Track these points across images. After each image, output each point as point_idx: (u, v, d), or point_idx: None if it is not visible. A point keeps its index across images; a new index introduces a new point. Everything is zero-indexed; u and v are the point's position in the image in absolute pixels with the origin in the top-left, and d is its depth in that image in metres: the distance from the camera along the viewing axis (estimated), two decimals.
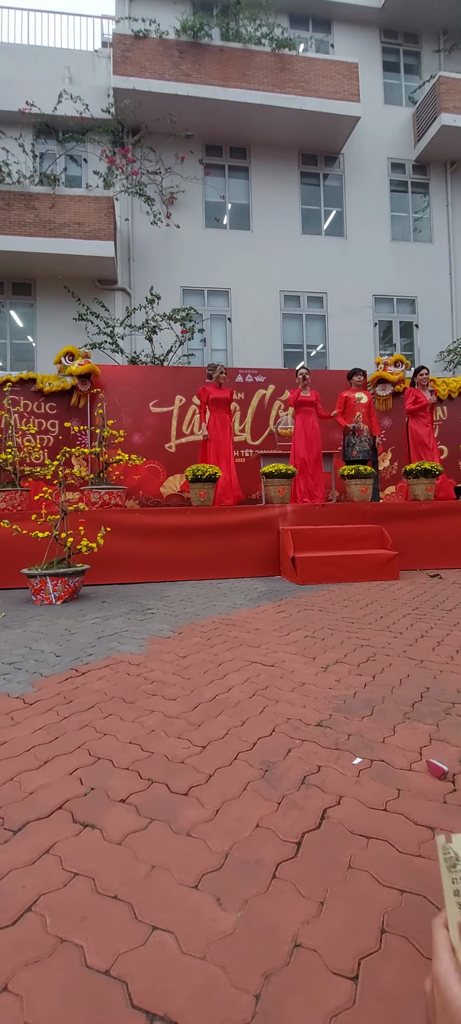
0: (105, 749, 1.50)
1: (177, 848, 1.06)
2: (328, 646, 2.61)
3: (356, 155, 12.27)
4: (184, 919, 0.88)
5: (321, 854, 1.04)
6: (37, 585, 4.12)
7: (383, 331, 12.34)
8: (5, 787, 1.30)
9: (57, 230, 9.76)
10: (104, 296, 10.66)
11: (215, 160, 11.74)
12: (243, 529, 5.49)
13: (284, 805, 1.21)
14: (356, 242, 12.13)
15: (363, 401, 6.57)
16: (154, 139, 11.05)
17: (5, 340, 10.79)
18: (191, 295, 11.28)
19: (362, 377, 6.70)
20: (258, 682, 2.08)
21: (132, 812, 1.19)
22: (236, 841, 1.08)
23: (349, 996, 0.74)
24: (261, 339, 11.42)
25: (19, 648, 2.69)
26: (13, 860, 1.03)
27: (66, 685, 2.07)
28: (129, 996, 0.74)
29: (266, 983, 0.76)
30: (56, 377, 7.27)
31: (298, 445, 6.51)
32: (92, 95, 10.75)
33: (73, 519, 4.91)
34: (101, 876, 0.98)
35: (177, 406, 7.83)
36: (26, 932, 0.85)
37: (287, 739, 1.56)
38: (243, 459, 7.91)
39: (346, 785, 1.30)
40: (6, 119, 10.54)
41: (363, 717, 1.72)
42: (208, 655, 2.48)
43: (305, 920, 0.87)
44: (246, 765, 1.40)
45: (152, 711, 1.79)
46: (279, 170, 11.91)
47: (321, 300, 11.97)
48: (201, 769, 1.38)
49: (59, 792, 1.27)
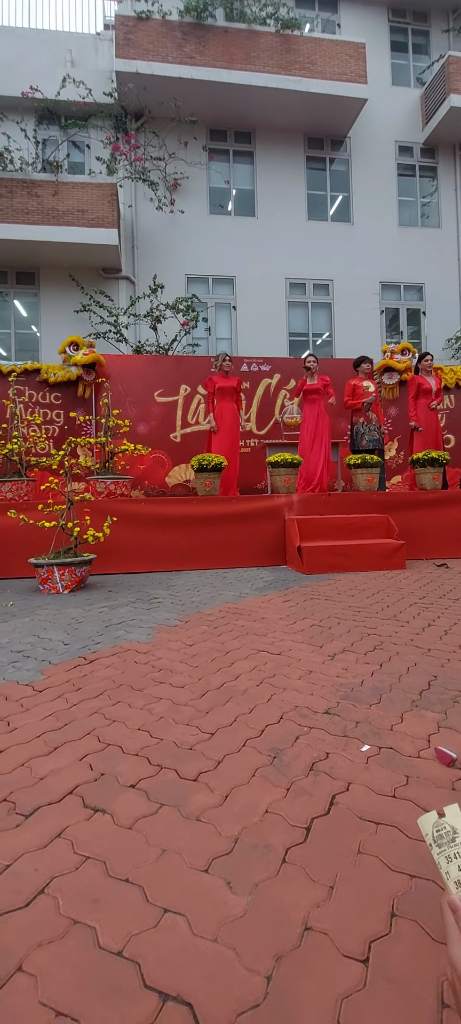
0: (114, 735, 1.51)
1: (187, 833, 1.07)
2: (335, 635, 2.61)
3: (363, 138, 12.08)
4: (195, 902, 0.89)
5: (330, 839, 1.05)
6: (44, 574, 4.14)
7: (390, 318, 12.22)
8: (16, 772, 1.32)
9: (60, 218, 9.70)
10: (108, 285, 10.61)
11: (219, 145, 11.61)
12: (249, 519, 5.49)
13: (293, 791, 1.22)
14: (363, 228, 11.98)
15: (371, 390, 6.53)
16: (157, 124, 10.92)
17: (9, 330, 10.78)
18: (195, 283, 11.21)
19: (369, 365, 6.65)
20: (265, 670, 2.08)
21: (142, 797, 1.20)
22: (245, 826, 1.09)
23: (360, 979, 0.74)
24: (266, 327, 11.34)
25: (27, 636, 2.71)
26: (25, 843, 1.04)
27: (75, 673, 2.09)
28: (142, 976, 0.75)
29: (277, 965, 0.77)
30: (61, 367, 7.27)
31: (306, 434, 6.47)
32: (94, 79, 10.64)
33: (79, 509, 4.93)
34: (112, 860, 0.99)
35: (182, 396, 7.81)
36: (39, 914, 0.86)
37: (295, 726, 1.56)
38: (248, 449, 7.89)
39: (354, 771, 1.31)
40: (8, 104, 10.45)
41: (371, 705, 1.72)
42: (215, 644, 2.49)
43: (315, 904, 0.88)
44: (254, 752, 1.41)
45: (160, 698, 1.80)
46: (284, 155, 11.76)
47: (327, 287, 11.86)
48: (210, 755, 1.39)
49: (69, 777, 1.29)
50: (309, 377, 6.46)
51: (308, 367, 6.41)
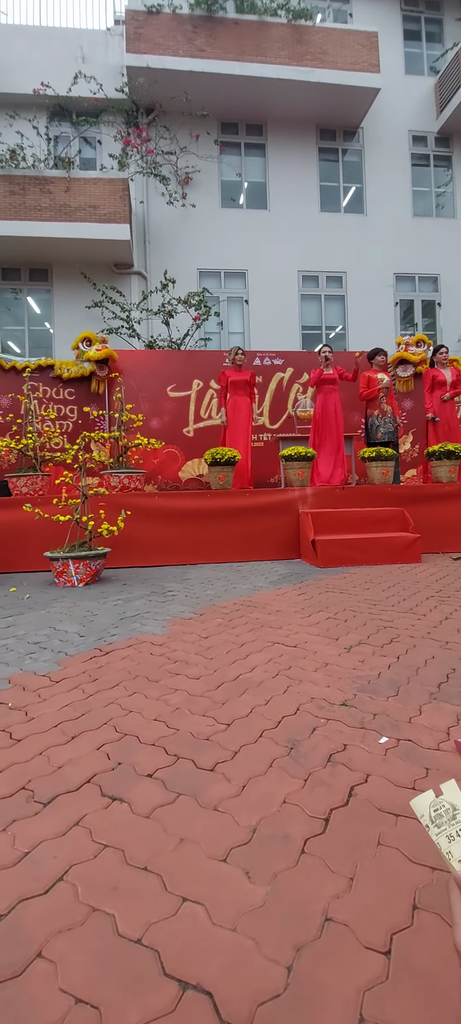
0: (131, 726, 1.52)
1: (205, 822, 1.07)
2: (350, 627, 2.59)
3: (376, 129, 11.91)
4: (214, 891, 0.88)
5: (349, 830, 1.04)
6: (59, 568, 4.17)
7: (404, 310, 12.06)
8: (34, 761, 1.32)
9: (72, 214, 9.73)
10: (120, 280, 10.64)
11: (231, 138, 11.53)
12: (263, 512, 5.47)
13: (311, 782, 1.21)
14: (376, 219, 11.82)
15: (385, 382, 6.45)
16: (168, 118, 10.89)
17: (23, 327, 10.87)
18: (207, 277, 11.18)
19: (384, 358, 6.58)
20: (281, 662, 2.07)
21: (159, 786, 1.20)
22: (263, 816, 1.08)
23: (382, 970, 0.73)
24: (279, 321, 11.27)
25: (44, 628, 2.73)
26: (44, 831, 1.05)
27: (91, 664, 2.10)
28: (162, 964, 0.74)
29: (298, 956, 0.76)
30: (74, 363, 7.30)
31: (319, 425, 6.42)
32: (105, 74, 10.64)
33: (93, 503, 4.95)
34: (130, 848, 0.99)
35: (195, 390, 7.80)
36: (58, 901, 0.87)
37: (312, 718, 1.55)
38: (261, 443, 7.85)
39: (373, 763, 1.29)
40: (20, 102, 10.50)
41: (388, 697, 1.70)
42: (230, 636, 2.49)
43: (335, 895, 0.87)
44: (271, 743, 1.40)
45: (176, 689, 1.80)
46: (296, 146, 11.65)
47: (340, 280, 11.74)
48: (226, 746, 1.38)
49: (87, 766, 1.29)
50: (325, 367, 6.41)
51: (326, 357, 6.36)
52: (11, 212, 9.58)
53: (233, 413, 6.41)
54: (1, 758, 1.34)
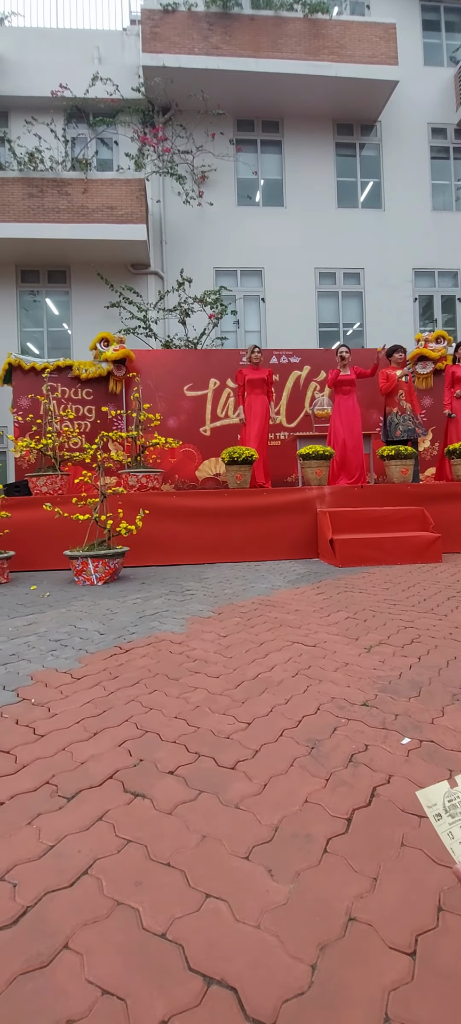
0: (151, 723, 1.53)
1: (227, 819, 1.07)
2: (370, 627, 2.57)
3: (394, 122, 11.76)
4: (237, 888, 0.88)
5: (372, 831, 1.03)
6: (79, 566, 4.23)
7: (423, 306, 11.89)
8: (57, 756, 1.35)
9: (90, 215, 9.83)
10: (137, 280, 10.71)
11: (247, 135, 11.51)
12: (280, 511, 5.45)
13: (332, 782, 1.20)
14: (395, 214, 11.68)
15: (404, 380, 6.37)
16: (185, 117, 10.92)
17: (42, 328, 11.02)
18: (224, 276, 11.18)
19: (403, 354, 6.49)
20: (300, 662, 2.06)
21: (181, 783, 1.21)
22: (285, 815, 1.08)
23: (407, 971, 0.73)
24: (296, 319, 11.22)
25: (64, 626, 2.77)
26: (69, 825, 1.06)
27: (111, 661, 2.12)
28: (186, 959, 0.75)
29: (322, 954, 0.76)
30: (92, 363, 7.38)
31: (337, 426, 6.35)
32: (122, 75, 10.72)
33: (112, 502, 5.01)
34: (153, 844, 1.00)
35: (211, 389, 7.81)
36: (84, 894, 0.88)
37: (332, 718, 1.54)
38: (278, 442, 7.83)
39: (395, 764, 1.28)
40: (37, 104, 10.65)
41: (410, 698, 1.68)
42: (249, 635, 2.49)
43: (359, 895, 0.87)
44: (292, 742, 1.40)
45: (196, 688, 1.81)
46: (313, 142, 11.57)
47: (358, 276, 11.63)
48: (247, 745, 1.39)
49: (109, 762, 1.31)
50: (342, 368, 6.34)
51: (343, 357, 6.29)
52: (30, 214, 9.72)
53: (251, 412, 6.40)
54: (26, 753, 1.37)
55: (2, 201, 9.66)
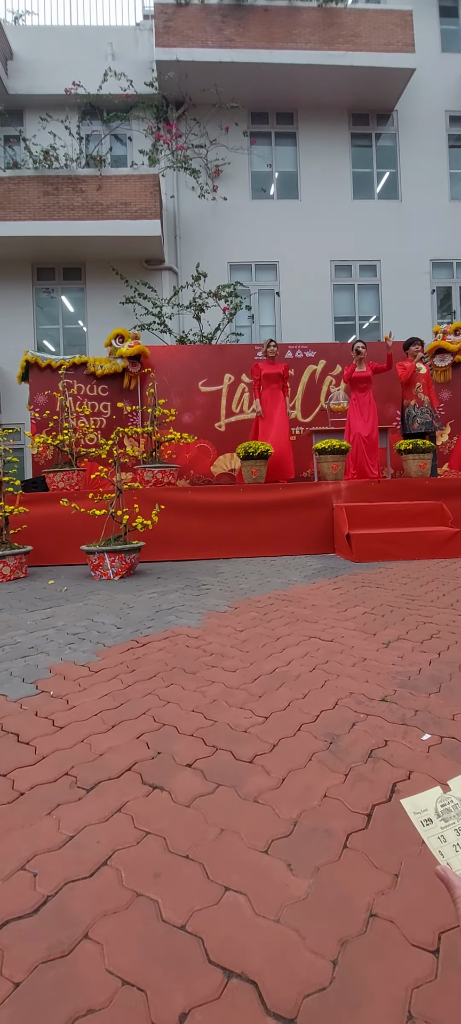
0: (169, 716, 1.53)
1: (245, 813, 1.07)
2: (388, 622, 2.54)
3: (411, 111, 11.55)
4: (256, 882, 0.88)
5: (393, 827, 1.01)
6: (96, 561, 4.26)
7: (441, 298, 11.68)
8: (76, 748, 1.36)
9: (104, 212, 9.86)
10: (151, 276, 10.73)
11: (261, 128, 11.42)
12: (296, 506, 5.42)
13: (351, 777, 1.19)
14: (412, 204, 11.48)
15: (422, 371, 6.27)
16: (198, 111, 10.88)
17: (57, 326, 11.11)
18: (238, 270, 11.13)
19: (419, 347, 6.39)
20: (318, 656, 2.05)
21: (199, 777, 1.21)
22: (304, 810, 1.07)
23: (430, 969, 0.71)
24: (311, 312, 11.12)
25: (82, 620, 2.79)
26: (88, 816, 1.07)
27: (128, 655, 2.13)
28: (206, 951, 0.75)
29: (343, 950, 0.75)
30: (107, 360, 7.41)
31: (353, 422, 6.27)
32: (135, 70, 10.72)
33: (128, 497, 5.03)
34: (172, 836, 1.00)
35: (226, 384, 7.79)
36: (103, 884, 0.88)
37: (351, 713, 1.53)
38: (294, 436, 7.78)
39: (416, 760, 1.26)
40: (52, 102, 10.71)
41: (430, 694, 1.65)
42: (265, 629, 2.48)
43: (380, 891, 0.85)
44: (310, 736, 1.39)
45: (212, 682, 1.81)
46: (328, 133, 11.43)
47: (374, 268, 11.47)
48: (265, 739, 1.38)
49: (127, 755, 1.31)
50: (358, 364, 6.26)
51: (359, 352, 6.20)
52: (45, 212, 9.80)
53: (269, 407, 6.35)
54: (45, 744, 1.38)
55: (18, 200, 9.75)
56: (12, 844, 0.99)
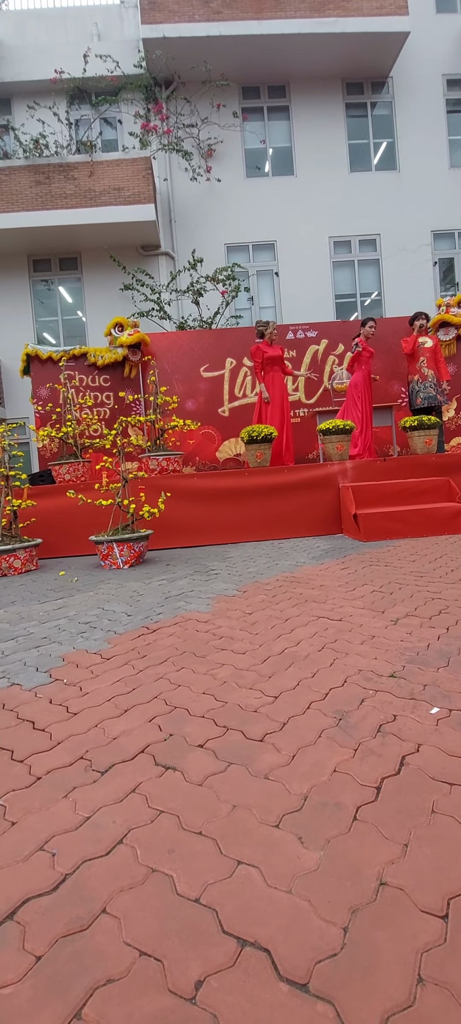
0: (180, 699, 1.56)
1: (256, 790, 1.09)
2: (397, 600, 2.54)
3: (406, 76, 11.29)
4: (268, 855, 0.90)
5: (402, 799, 1.03)
6: (104, 551, 4.30)
7: (444, 270, 11.51)
8: (90, 733, 1.38)
9: (97, 198, 9.77)
10: (148, 262, 10.65)
11: (253, 103, 11.22)
12: (302, 488, 5.42)
13: (361, 752, 1.20)
14: (410, 174, 11.28)
15: (427, 345, 6.21)
16: (188, 89, 10.70)
17: (56, 317, 11.08)
18: (235, 252, 11.02)
19: (425, 321, 6.32)
20: (326, 636, 2.06)
21: (210, 756, 1.23)
22: (314, 784, 1.09)
23: (439, 933, 0.73)
24: (311, 291, 11.01)
25: (93, 609, 2.83)
26: (103, 798, 1.09)
27: (139, 642, 2.16)
28: (220, 922, 0.77)
29: (353, 917, 0.76)
30: (107, 350, 7.39)
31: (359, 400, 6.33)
32: (122, 51, 10.54)
33: (134, 486, 5.05)
34: (185, 814, 1.02)
35: (228, 369, 7.76)
36: (119, 862, 0.91)
37: (360, 689, 1.54)
38: (298, 419, 7.75)
39: (424, 733, 1.27)
40: (39, 88, 10.58)
41: (439, 668, 1.66)
42: (274, 611, 2.50)
43: (389, 860, 0.87)
44: (319, 714, 1.40)
45: (222, 664, 1.83)
46: (322, 105, 11.21)
47: (374, 243, 11.31)
48: (275, 718, 1.40)
49: (140, 738, 1.34)
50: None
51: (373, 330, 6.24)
52: (38, 202, 9.73)
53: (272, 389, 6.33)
54: (60, 730, 1.41)
55: (10, 191, 9.68)
56: (31, 826, 1.02)
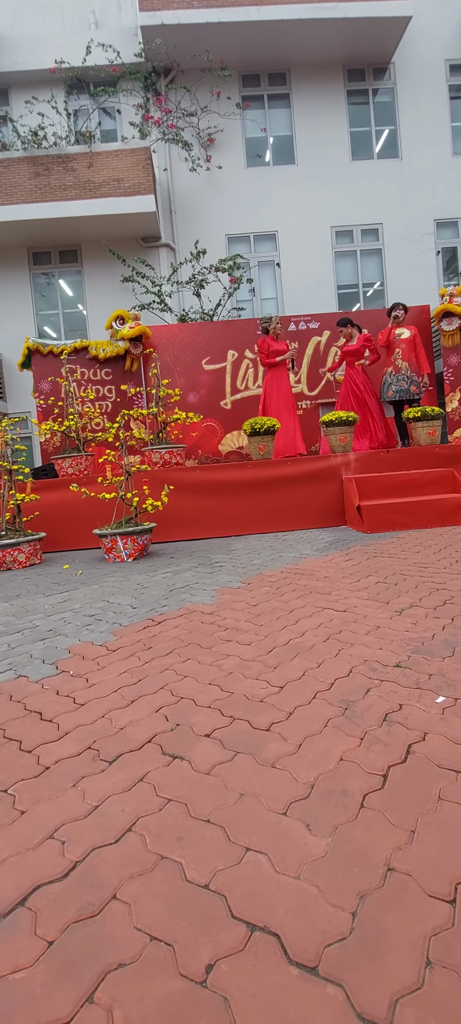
0: (186, 690, 1.56)
1: (263, 778, 1.10)
2: (401, 591, 2.54)
3: (409, 62, 11.13)
4: (276, 842, 0.91)
5: (409, 786, 1.04)
6: (108, 544, 4.31)
7: (447, 259, 11.40)
8: (98, 723, 1.39)
9: (97, 189, 9.68)
10: (148, 254, 10.58)
11: (253, 91, 11.08)
12: (305, 480, 5.41)
13: (367, 740, 1.21)
14: (413, 162, 11.15)
15: (403, 336, 6.18)
16: (188, 77, 10.57)
17: (57, 311, 11.03)
18: (236, 242, 10.94)
19: (403, 311, 6.30)
20: (331, 627, 2.07)
21: (217, 745, 1.24)
22: (321, 773, 1.10)
23: (447, 918, 0.74)
24: (313, 282, 10.92)
25: (98, 602, 2.84)
26: (111, 787, 1.10)
27: (144, 633, 2.17)
28: (229, 907, 0.78)
29: (361, 902, 0.77)
30: (108, 343, 7.37)
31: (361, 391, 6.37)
32: (120, 39, 10.41)
33: (137, 479, 5.06)
34: (193, 802, 1.03)
35: (230, 361, 7.72)
36: (129, 849, 0.92)
37: (365, 679, 1.55)
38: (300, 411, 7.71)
39: (430, 722, 1.28)
40: (37, 79, 10.45)
41: (444, 658, 1.67)
42: (279, 603, 2.50)
43: (397, 847, 0.88)
44: (325, 703, 1.41)
45: (228, 655, 1.84)
46: (323, 92, 11.07)
47: (376, 232, 11.21)
48: (281, 707, 1.41)
49: (147, 728, 1.35)
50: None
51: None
52: (37, 194, 9.65)
53: (275, 384, 6.30)
54: (68, 721, 1.42)
55: (9, 183, 9.60)
56: (40, 815, 1.03)
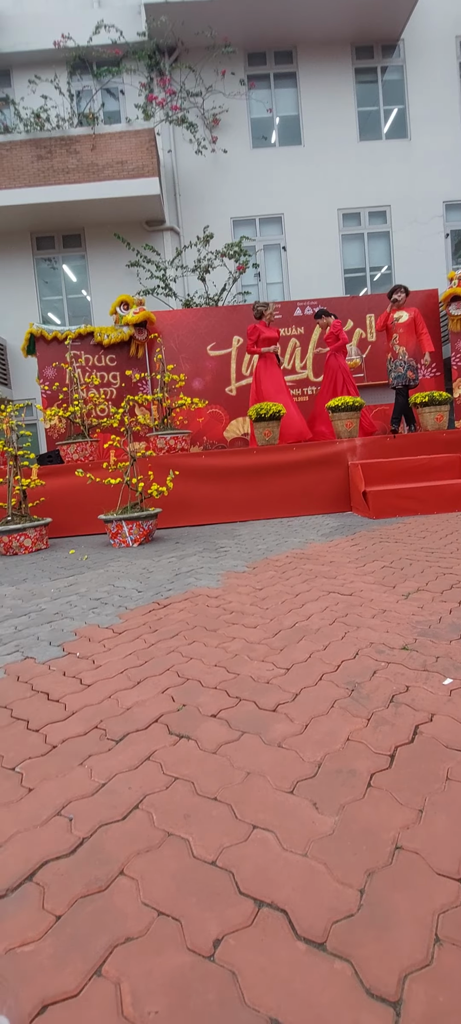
0: (192, 671, 1.57)
1: (270, 757, 1.09)
2: (407, 575, 2.53)
3: (418, 39, 10.88)
4: (283, 820, 0.91)
5: (416, 766, 1.03)
6: (114, 529, 4.31)
7: (456, 242, 11.23)
8: (104, 704, 1.40)
9: (100, 172, 9.54)
10: (153, 238, 10.48)
11: (259, 70, 10.87)
12: (311, 466, 5.39)
13: (374, 721, 1.21)
14: (422, 143, 10.94)
15: (402, 320, 6.08)
16: (192, 56, 10.38)
17: (61, 296, 10.96)
18: (242, 226, 10.80)
19: (404, 294, 6.19)
20: (337, 610, 2.06)
21: (224, 725, 1.24)
22: (328, 752, 1.09)
23: (456, 895, 0.73)
24: (319, 266, 10.79)
25: (104, 586, 2.85)
26: (118, 765, 1.11)
27: (150, 616, 2.18)
28: (236, 884, 0.78)
29: (369, 880, 0.77)
30: (113, 329, 7.33)
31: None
32: (123, 17, 10.23)
33: (142, 465, 5.05)
34: (200, 780, 1.03)
35: (235, 347, 7.68)
36: (136, 826, 0.92)
37: (372, 661, 1.54)
38: (306, 397, 7.67)
39: (437, 703, 1.27)
40: (39, 59, 10.30)
41: (451, 640, 1.66)
42: (284, 587, 2.50)
43: (404, 825, 0.87)
44: (332, 685, 1.41)
45: (234, 638, 1.84)
46: (330, 70, 10.85)
47: (384, 214, 11.04)
48: (287, 689, 1.40)
49: (154, 708, 1.35)
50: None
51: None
52: (40, 177, 9.54)
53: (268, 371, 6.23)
54: (74, 701, 1.43)
55: (12, 166, 9.50)
56: (47, 792, 1.04)
